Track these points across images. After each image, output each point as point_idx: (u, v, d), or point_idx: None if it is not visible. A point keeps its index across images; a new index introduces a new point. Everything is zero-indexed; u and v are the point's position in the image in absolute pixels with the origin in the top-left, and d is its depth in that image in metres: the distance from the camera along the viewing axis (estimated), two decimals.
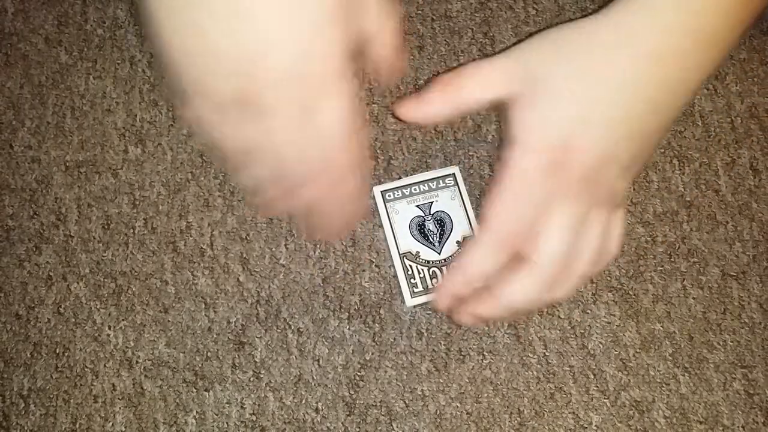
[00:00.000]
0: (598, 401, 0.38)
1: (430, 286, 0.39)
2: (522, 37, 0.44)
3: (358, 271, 0.40)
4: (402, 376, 0.39)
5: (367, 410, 0.38)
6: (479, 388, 0.39)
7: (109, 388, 0.39)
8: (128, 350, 0.39)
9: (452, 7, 0.45)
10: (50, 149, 0.43)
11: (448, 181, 0.41)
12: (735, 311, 0.40)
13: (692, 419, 0.38)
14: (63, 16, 0.45)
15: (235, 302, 0.40)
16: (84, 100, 0.44)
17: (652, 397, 0.38)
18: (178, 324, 0.40)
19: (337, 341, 0.39)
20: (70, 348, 0.40)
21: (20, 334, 0.40)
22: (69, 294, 0.40)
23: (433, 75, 0.43)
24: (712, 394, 0.39)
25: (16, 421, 0.39)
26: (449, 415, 0.38)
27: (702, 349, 0.39)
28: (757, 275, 0.40)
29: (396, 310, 0.40)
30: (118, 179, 0.42)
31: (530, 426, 0.38)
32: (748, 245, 0.41)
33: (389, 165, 0.42)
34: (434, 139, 0.42)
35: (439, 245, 0.39)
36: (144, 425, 0.38)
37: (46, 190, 0.42)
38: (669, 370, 0.39)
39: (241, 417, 0.38)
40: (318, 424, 0.38)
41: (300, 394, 0.39)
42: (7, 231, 0.42)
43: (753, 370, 0.39)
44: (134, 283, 0.40)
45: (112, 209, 0.42)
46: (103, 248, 0.41)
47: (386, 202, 0.40)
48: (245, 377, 0.39)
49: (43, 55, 0.44)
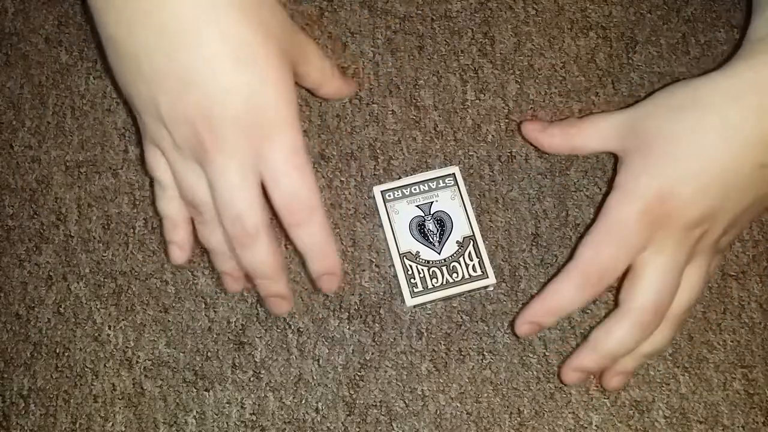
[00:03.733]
0: (598, 401, 0.38)
1: (430, 286, 0.39)
2: (521, 38, 0.44)
3: (358, 271, 0.40)
4: (402, 376, 0.39)
5: (367, 410, 0.38)
6: (479, 388, 0.39)
7: (109, 388, 0.39)
8: (128, 350, 0.39)
9: (452, 7, 0.45)
10: (50, 149, 0.43)
11: (448, 181, 0.41)
12: (735, 311, 0.40)
13: (692, 419, 0.38)
14: (63, 16, 0.45)
15: (235, 302, 0.40)
16: (84, 100, 0.44)
17: (652, 397, 0.38)
18: (178, 324, 0.40)
19: (337, 341, 0.39)
20: (70, 348, 0.40)
21: (20, 334, 0.40)
22: (69, 294, 0.40)
23: (432, 75, 0.43)
24: (712, 394, 0.39)
25: (16, 421, 0.39)
26: (449, 415, 0.38)
27: (702, 348, 0.39)
28: (757, 275, 0.40)
29: (396, 310, 0.40)
30: (119, 179, 0.42)
31: (530, 426, 0.38)
32: (747, 245, 0.41)
33: (389, 165, 0.42)
34: (434, 139, 0.42)
35: (439, 245, 0.39)
36: (144, 425, 0.38)
37: (46, 189, 0.42)
38: (669, 370, 0.39)
39: (241, 417, 0.38)
40: (318, 424, 0.38)
41: (300, 394, 0.39)
42: (7, 231, 0.42)
43: (753, 370, 0.39)
44: (134, 283, 0.40)
45: (112, 209, 0.42)
46: (104, 248, 0.41)
47: (386, 202, 0.40)
48: (245, 377, 0.39)
49: (44, 55, 0.44)
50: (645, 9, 0.45)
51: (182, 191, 0.34)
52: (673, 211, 0.32)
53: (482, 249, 0.39)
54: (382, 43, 0.44)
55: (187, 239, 0.36)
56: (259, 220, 0.32)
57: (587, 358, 0.35)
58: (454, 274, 0.39)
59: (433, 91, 0.43)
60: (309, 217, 0.33)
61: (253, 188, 0.32)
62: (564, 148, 0.39)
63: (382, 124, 0.43)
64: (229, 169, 0.31)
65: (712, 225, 0.33)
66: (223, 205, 0.32)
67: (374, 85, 0.43)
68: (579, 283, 0.34)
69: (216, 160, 0.31)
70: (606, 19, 0.44)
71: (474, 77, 0.43)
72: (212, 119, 0.30)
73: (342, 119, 0.43)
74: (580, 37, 0.44)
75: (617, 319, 0.34)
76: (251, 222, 0.32)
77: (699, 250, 0.34)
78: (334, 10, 0.44)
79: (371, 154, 0.42)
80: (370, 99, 0.43)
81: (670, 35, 0.44)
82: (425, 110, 0.43)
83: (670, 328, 0.35)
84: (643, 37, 0.44)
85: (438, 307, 0.40)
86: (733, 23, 0.44)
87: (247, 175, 0.32)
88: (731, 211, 0.33)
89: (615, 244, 0.33)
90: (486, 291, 0.40)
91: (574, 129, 0.38)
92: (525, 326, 0.36)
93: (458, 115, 0.43)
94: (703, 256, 0.35)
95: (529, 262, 0.40)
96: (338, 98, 0.42)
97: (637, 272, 0.34)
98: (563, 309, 0.35)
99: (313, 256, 0.34)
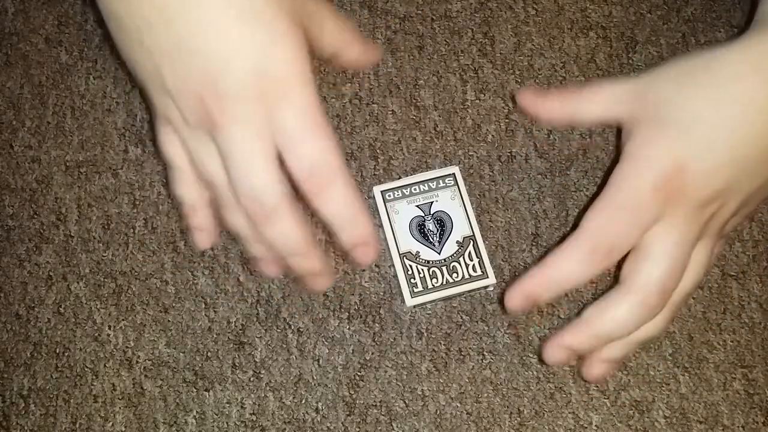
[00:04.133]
0: (598, 401, 0.38)
1: (430, 286, 0.39)
2: (522, 38, 0.44)
3: (358, 271, 0.40)
4: (402, 376, 0.39)
5: (367, 410, 0.38)
6: (479, 388, 0.39)
7: (109, 388, 0.39)
8: (128, 350, 0.39)
9: (452, 7, 0.45)
10: (50, 149, 0.43)
11: (448, 181, 0.41)
12: (735, 311, 0.40)
13: (692, 419, 0.38)
14: (63, 16, 0.45)
15: (235, 302, 0.40)
16: (84, 100, 0.44)
17: (652, 397, 0.38)
18: (178, 324, 0.40)
19: (337, 341, 0.39)
20: (70, 348, 0.40)
21: (20, 334, 0.40)
22: (69, 294, 0.40)
23: (432, 75, 0.43)
24: (712, 394, 0.39)
25: (16, 421, 0.39)
26: (449, 415, 0.38)
27: (702, 348, 0.39)
28: (757, 275, 0.40)
29: (396, 310, 0.40)
30: (119, 179, 0.42)
31: (530, 426, 0.38)
32: (748, 245, 0.41)
33: (389, 165, 0.42)
34: (434, 139, 0.42)
35: (439, 245, 0.39)
36: (144, 425, 0.38)
37: (46, 189, 0.42)
38: (669, 369, 0.39)
39: (241, 417, 0.38)
40: (318, 424, 0.38)
41: (300, 394, 0.39)
42: (7, 231, 0.42)
43: (753, 370, 0.39)
44: (134, 283, 0.40)
45: (112, 209, 0.42)
46: (103, 248, 0.41)
47: (386, 202, 0.40)
48: (245, 377, 0.39)
49: (44, 55, 0.44)
50: (645, 9, 0.45)
51: (198, 170, 0.32)
52: (687, 186, 0.30)
53: (482, 249, 0.39)
54: (382, 42, 0.44)
55: (209, 222, 0.34)
56: (279, 193, 0.30)
57: (579, 335, 0.32)
58: (454, 274, 0.39)
59: (433, 91, 0.43)
60: (332, 182, 0.30)
61: (269, 158, 0.29)
62: (564, 117, 0.35)
63: (382, 124, 0.43)
64: (240, 139, 0.29)
65: (726, 203, 0.31)
66: (238, 179, 0.30)
67: (374, 85, 0.43)
68: (586, 255, 0.31)
69: (226, 131, 0.29)
70: (606, 19, 0.44)
71: (474, 77, 0.43)
72: (218, 86, 0.28)
73: (342, 119, 0.43)
74: (580, 37, 0.44)
75: (619, 297, 0.31)
76: (269, 195, 0.29)
77: (709, 229, 0.32)
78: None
79: (371, 154, 0.42)
80: (370, 99, 0.43)
81: (670, 35, 0.44)
82: (425, 110, 0.43)
83: (667, 313, 0.32)
84: (643, 37, 0.44)
85: (438, 307, 0.40)
86: (733, 23, 0.44)
87: (260, 144, 0.29)
88: (746, 189, 0.31)
89: (627, 215, 0.30)
90: (486, 291, 0.40)
91: (575, 95, 0.35)
92: (518, 299, 0.32)
93: (458, 115, 0.43)
94: (710, 238, 0.32)
95: (529, 262, 0.40)
96: (360, 67, 0.38)
97: (644, 248, 0.31)
98: (565, 282, 0.31)
99: (343, 226, 0.31)
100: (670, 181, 0.30)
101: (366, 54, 0.37)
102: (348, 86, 0.43)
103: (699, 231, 0.31)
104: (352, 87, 0.43)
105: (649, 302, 0.31)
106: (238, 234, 0.33)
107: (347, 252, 0.32)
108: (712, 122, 0.30)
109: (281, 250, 0.31)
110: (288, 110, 0.29)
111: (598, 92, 0.34)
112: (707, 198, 0.30)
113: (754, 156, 0.30)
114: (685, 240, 0.31)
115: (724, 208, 0.32)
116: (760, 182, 0.32)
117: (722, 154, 0.30)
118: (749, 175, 0.31)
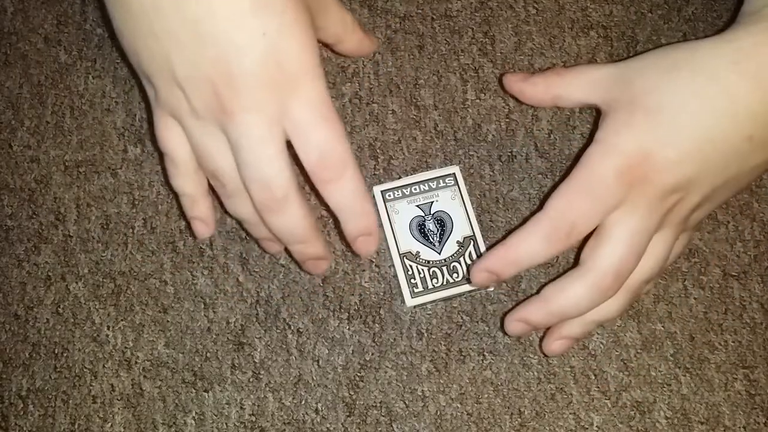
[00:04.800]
0: (599, 402, 0.38)
1: (431, 286, 0.39)
2: (522, 37, 0.44)
3: (358, 271, 0.40)
4: (402, 376, 0.39)
5: (367, 411, 0.38)
6: (480, 389, 0.39)
7: (108, 389, 0.39)
8: (127, 350, 0.39)
9: (452, 6, 0.45)
10: (49, 149, 0.43)
11: (448, 180, 0.40)
12: (736, 311, 0.40)
13: (693, 420, 0.38)
14: (62, 16, 0.45)
15: (234, 302, 0.40)
16: (83, 99, 0.43)
17: (653, 398, 0.38)
18: (177, 324, 0.40)
19: (337, 341, 0.39)
20: (69, 348, 0.40)
21: (19, 335, 0.40)
22: (68, 294, 0.40)
23: (433, 74, 0.43)
24: (714, 394, 0.38)
25: (14, 421, 0.38)
26: (449, 415, 0.38)
27: (703, 349, 0.39)
28: (759, 275, 0.40)
29: (396, 310, 0.40)
30: (118, 179, 0.42)
31: (531, 427, 0.38)
32: (749, 245, 0.41)
33: (389, 165, 0.42)
34: (434, 139, 0.42)
35: (440, 245, 0.39)
36: (143, 426, 0.38)
37: (45, 189, 0.42)
38: (670, 370, 0.39)
39: (241, 418, 0.38)
40: (318, 425, 0.38)
41: (300, 395, 0.38)
42: (5, 231, 0.41)
43: (754, 371, 0.39)
44: (133, 283, 0.40)
45: (111, 209, 0.42)
46: (102, 248, 0.41)
47: (386, 202, 0.40)
48: (245, 378, 0.39)
49: (43, 55, 0.44)
50: (646, 8, 0.45)
51: (202, 161, 0.32)
52: (651, 173, 0.31)
53: (483, 249, 0.39)
54: (382, 42, 0.44)
55: (210, 213, 0.35)
56: (288, 182, 0.30)
57: (535, 311, 0.33)
58: (455, 275, 0.39)
59: (434, 90, 0.43)
60: (341, 172, 0.31)
61: (279, 147, 0.30)
62: (547, 99, 0.37)
63: (382, 123, 0.42)
64: (252, 127, 0.29)
65: (688, 194, 0.32)
66: (248, 167, 0.30)
67: (374, 84, 0.43)
68: (547, 235, 0.32)
69: (238, 118, 0.29)
70: (607, 19, 0.44)
71: (474, 77, 0.43)
72: (231, 74, 0.29)
73: (342, 119, 0.43)
74: (580, 37, 0.44)
75: (575, 277, 0.32)
76: (279, 184, 0.30)
77: (669, 220, 0.33)
78: None
79: (371, 154, 0.42)
80: (370, 99, 0.43)
81: (670, 35, 0.44)
82: (425, 110, 0.43)
83: (623, 297, 0.33)
84: (644, 36, 0.44)
85: (438, 307, 0.40)
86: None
87: (272, 132, 0.30)
88: (710, 183, 0.32)
89: (590, 199, 0.31)
90: (486, 291, 0.40)
91: (558, 77, 0.36)
92: (482, 274, 0.34)
93: (458, 114, 0.43)
94: (672, 229, 0.33)
95: None
96: (359, 55, 0.41)
97: (604, 232, 0.32)
98: (526, 261, 0.32)
99: (349, 215, 0.32)
100: (635, 168, 0.31)
101: (365, 43, 0.38)
102: (348, 86, 0.43)
103: (659, 220, 0.32)
104: (352, 86, 0.43)
105: (603, 284, 0.32)
106: (244, 220, 0.34)
107: (349, 243, 0.33)
108: (683, 114, 0.31)
109: (286, 238, 0.32)
110: (299, 99, 0.30)
111: (578, 76, 0.36)
112: (670, 187, 0.31)
113: (722, 151, 0.31)
114: (643, 227, 0.31)
115: (687, 200, 0.32)
116: (726, 178, 0.32)
117: (689, 146, 0.31)
118: (715, 170, 0.31)
